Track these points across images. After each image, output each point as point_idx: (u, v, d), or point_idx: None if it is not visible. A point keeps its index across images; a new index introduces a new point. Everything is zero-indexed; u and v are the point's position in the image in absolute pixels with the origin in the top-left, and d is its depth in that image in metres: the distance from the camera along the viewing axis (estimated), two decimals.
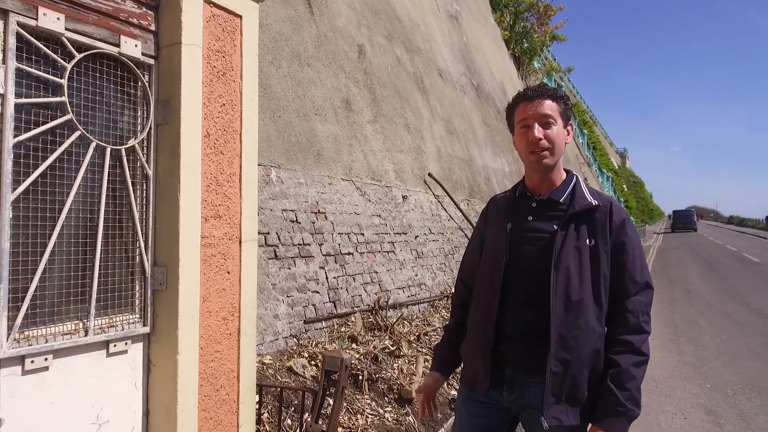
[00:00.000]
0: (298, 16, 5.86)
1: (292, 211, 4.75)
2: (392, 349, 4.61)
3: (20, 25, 1.80)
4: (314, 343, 4.33)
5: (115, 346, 2.11)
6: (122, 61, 2.13)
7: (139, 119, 2.21)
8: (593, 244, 1.66)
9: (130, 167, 2.17)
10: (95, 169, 2.06)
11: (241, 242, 2.46)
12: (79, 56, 1.98)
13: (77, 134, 1.98)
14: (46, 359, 1.89)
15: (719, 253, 21.28)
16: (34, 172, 1.85)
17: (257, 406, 2.91)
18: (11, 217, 1.79)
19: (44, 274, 1.89)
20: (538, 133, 1.68)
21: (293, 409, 3.34)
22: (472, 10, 15.10)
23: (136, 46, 2.15)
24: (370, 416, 3.64)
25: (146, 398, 2.23)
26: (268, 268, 4.22)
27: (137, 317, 2.19)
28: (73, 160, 1.99)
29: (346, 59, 6.65)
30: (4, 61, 1.77)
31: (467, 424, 1.81)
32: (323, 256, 4.93)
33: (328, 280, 4.87)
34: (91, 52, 2.02)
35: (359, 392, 3.86)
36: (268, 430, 3.08)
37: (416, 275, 6.42)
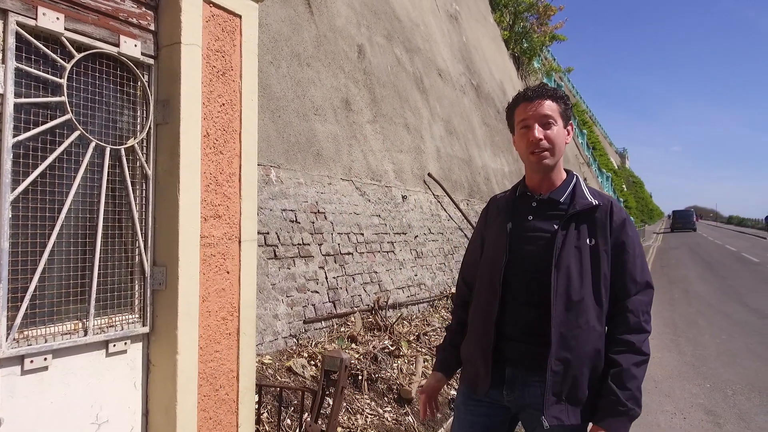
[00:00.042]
0: (297, 16, 5.85)
1: (291, 211, 4.75)
2: (392, 349, 4.61)
3: (20, 24, 1.80)
4: (314, 343, 4.33)
5: (114, 346, 2.11)
6: (122, 60, 2.13)
7: (138, 119, 2.21)
8: (593, 243, 1.66)
9: (129, 167, 2.17)
10: (95, 168, 2.06)
11: (240, 242, 2.46)
12: (78, 56, 1.98)
13: (77, 134, 1.98)
14: (45, 359, 1.89)
15: (719, 253, 21.29)
16: (33, 171, 1.85)
17: (257, 406, 2.91)
18: (11, 216, 1.79)
19: (44, 273, 1.89)
20: (538, 133, 1.68)
21: (293, 409, 3.34)
22: (471, 10, 15.11)
23: (135, 45, 2.15)
24: (369, 416, 3.64)
25: (145, 398, 2.23)
26: (267, 268, 4.22)
27: (137, 317, 2.19)
28: (72, 159, 1.99)
29: (345, 59, 6.65)
30: (3, 60, 1.77)
31: (466, 422, 1.81)
32: (323, 256, 4.93)
33: (327, 280, 4.87)
34: (90, 51, 2.01)
35: (359, 392, 3.86)
36: (267, 429, 3.08)
37: (416, 275, 6.42)
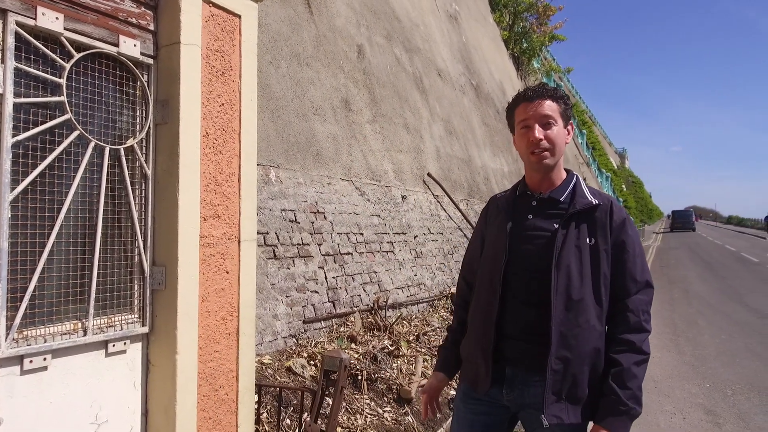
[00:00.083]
0: (297, 15, 5.85)
1: (291, 210, 4.75)
2: (391, 348, 4.61)
3: (19, 24, 1.80)
4: (313, 343, 4.33)
5: (113, 346, 2.11)
6: (121, 60, 2.13)
7: (137, 119, 2.21)
8: (593, 243, 1.66)
9: (128, 167, 2.17)
10: (94, 168, 2.06)
11: (240, 242, 2.46)
12: (77, 56, 1.98)
13: (76, 134, 1.98)
14: (44, 359, 1.89)
15: (718, 253, 21.30)
16: (32, 171, 1.85)
17: (256, 405, 2.91)
18: (10, 216, 1.79)
19: (43, 273, 1.89)
20: (538, 134, 1.68)
21: (292, 408, 3.34)
22: (471, 10, 15.11)
23: (135, 45, 2.15)
24: (369, 416, 3.64)
25: (145, 398, 2.23)
26: (267, 267, 4.22)
27: (136, 317, 2.19)
28: (72, 159, 1.98)
29: (345, 59, 6.65)
30: (2, 60, 1.77)
31: (466, 421, 1.81)
32: (322, 256, 4.93)
33: (327, 280, 4.87)
34: (89, 51, 2.01)
35: (358, 392, 3.86)
36: (267, 429, 3.08)
37: (415, 275, 6.42)
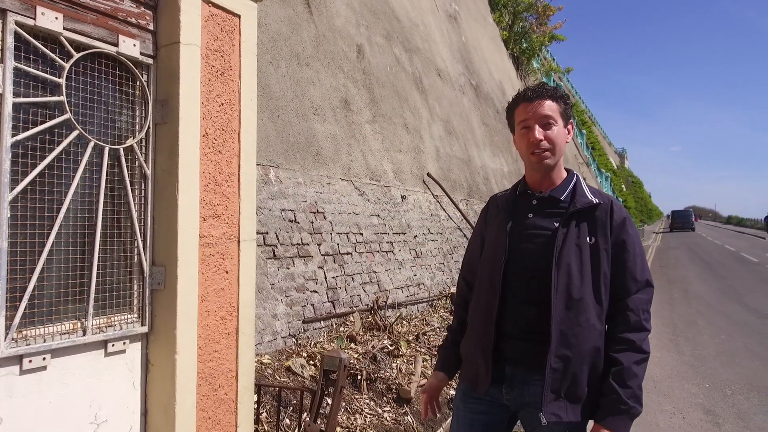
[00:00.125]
0: (296, 15, 5.85)
1: (290, 210, 4.75)
2: (391, 348, 4.61)
3: (18, 24, 1.80)
4: (313, 342, 4.33)
5: (113, 345, 2.11)
6: (120, 60, 2.13)
7: (137, 119, 2.21)
8: (594, 242, 1.66)
9: (128, 167, 2.17)
10: (93, 168, 2.06)
11: (239, 242, 2.46)
12: (77, 55, 1.98)
13: (75, 134, 1.98)
14: (44, 359, 1.89)
15: (718, 253, 21.31)
16: (32, 171, 1.85)
17: (256, 405, 2.91)
18: (9, 216, 1.79)
19: (42, 273, 1.89)
20: (538, 134, 1.68)
21: (292, 408, 3.34)
22: (470, 10, 15.11)
23: (134, 45, 2.15)
24: (368, 416, 3.64)
25: (144, 398, 2.23)
26: (266, 267, 4.22)
27: (135, 317, 2.19)
28: (71, 159, 1.98)
29: (344, 59, 6.65)
30: (2, 60, 1.77)
31: (466, 420, 1.81)
32: (322, 255, 4.93)
33: (326, 279, 4.87)
34: (89, 51, 2.01)
35: (358, 392, 3.86)
36: (266, 429, 3.08)
37: (415, 275, 6.42)
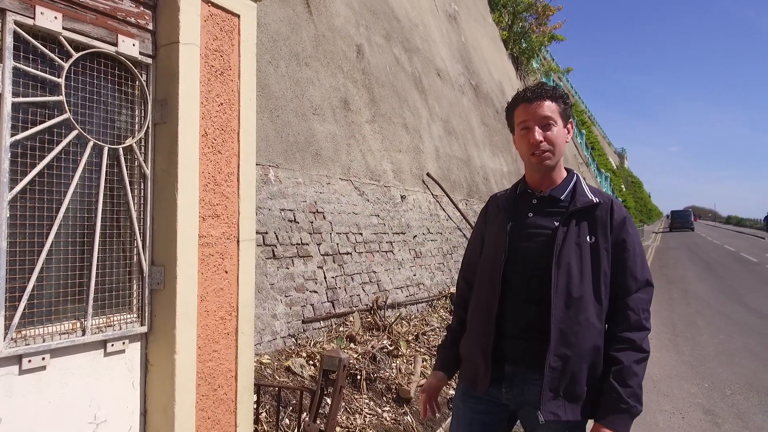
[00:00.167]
0: (296, 15, 5.85)
1: (290, 210, 4.75)
2: (390, 348, 4.61)
3: (17, 24, 1.80)
4: (312, 342, 4.33)
5: (112, 345, 2.11)
6: (120, 60, 2.13)
7: (136, 118, 2.21)
8: (594, 241, 1.66)
9: (127, 166, 2.17)
10: (93, 168, 2.06)
11: (239, 242, 2.46)
12: (76, 55, 1.97)
13: (75, 133, 1.97)
14: (43, 359, 1.89)
15: (717, 253, 21.31)
16: (31, 171, 1.85)
17: (255, 405, 2.91)
18: (8, 216, 1.79)
19: (42, 273, 1.89)
20: (538, 135, 1.68)
21: (291, 408, 3.34)
22: (470, 10, 15.11)
23: (133, 45, 2.14)
24: (368, 416, 3.64)
25: (144, 398, 2.23)
26: (266, 267, 4.22)
27: (135, 317, 2.19)
28: (70, 159, 1.98)
29: (344, 59, 6.65)
30: (1, 60, 1.77)
31: (465, 419, 1.81)
32: (321, 255, 4.93)
33: (326, 279, 4.86)
34: (88, 51, 2.01)
35: (357, 392, 3.86)
36: (266, 429, 3.08)
37: (414, 275, 6.42)
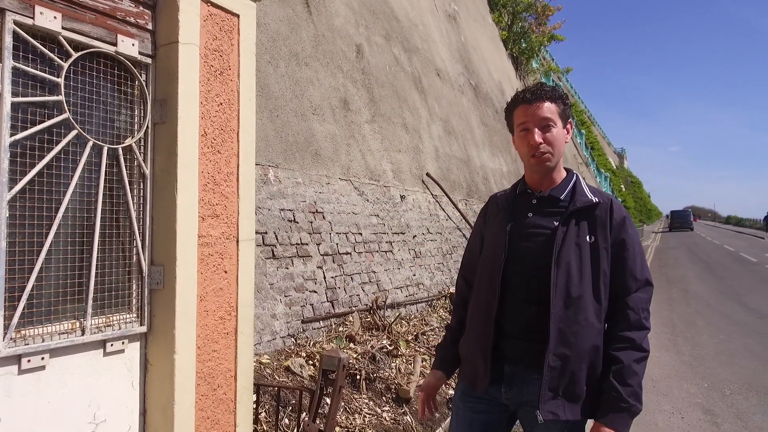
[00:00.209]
0: (296, 15, 5.85)
1: (289, 210, 4.75)
2: (390, 348, 4.61)
3: (17, 23, 1.80)
4: (312, 342, 4.33)
5: (111, 345, 2.11)
6: (119, 60, 2.13)
7: (136, 118, 2.21)
8: (593, 240, 1.66)
9: (127, 166, 2.17)
10: (92, 168, 2.06)
11: (238, 241, 2.46)
12: (75, 55, 1.97)
13: (74, 133, 1.97)
14: (42, 358, 1.89)
15: (717, 253, 21.32)
16: (30, 171, 1.85)
17: (254, 405, 2.91)
18: (8, 216, 1.79)
19: (41, 273, 1.89)
20: (538, 137, 1.68)
21: (290, 408, 3.34)
22: (470, 10, 15.11)
23: (133, 45, 2.14)
24: (367, 416, 3.64)
25: (143, 397, 2.23)
26: (265, 267, 4.22)
27: (134, 316, 2.19)
28: (70, 159, 1.98)
29: (344, 59, 6.65)
30: (0, 59, 1.77)
31: (465, 419, 1.81)
32: (321, 255, 4.93)
33: (326, 279, 4.86)
34: (87, 51, 2.01)
35: (357, 392, 3.86)
36: (265, 429, 3.08)
37: (414, 275, 6.42)
